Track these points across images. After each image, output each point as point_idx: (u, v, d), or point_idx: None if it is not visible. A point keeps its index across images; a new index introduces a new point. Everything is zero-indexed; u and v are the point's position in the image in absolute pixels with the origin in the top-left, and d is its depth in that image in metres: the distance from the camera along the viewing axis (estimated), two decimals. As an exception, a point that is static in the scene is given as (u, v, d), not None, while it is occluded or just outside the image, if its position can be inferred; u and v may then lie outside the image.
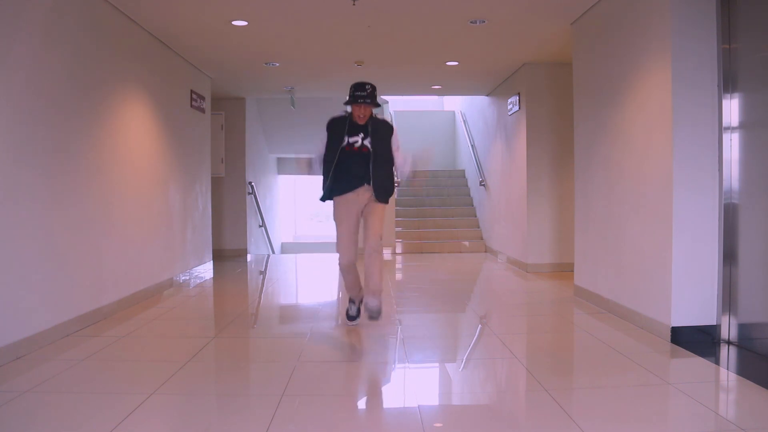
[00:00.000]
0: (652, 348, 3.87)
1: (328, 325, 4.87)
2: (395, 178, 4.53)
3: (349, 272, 4.40)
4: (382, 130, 4.33)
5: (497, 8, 5.26)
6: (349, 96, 4.24)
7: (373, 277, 4.21)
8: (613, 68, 4.84)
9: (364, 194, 4.29)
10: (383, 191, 4.30)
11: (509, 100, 8.10)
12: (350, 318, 4.56)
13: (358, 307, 4.54)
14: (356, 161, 4.24)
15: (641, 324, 4.36)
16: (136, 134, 5.55)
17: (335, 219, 4.37)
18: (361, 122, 4.26)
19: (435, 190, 11.78)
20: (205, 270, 7.54)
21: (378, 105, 4.30)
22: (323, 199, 4.39)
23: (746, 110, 3.81)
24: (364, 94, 4.20)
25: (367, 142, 4.25)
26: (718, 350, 3.83)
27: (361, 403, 3.16)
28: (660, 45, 4.11)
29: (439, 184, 12.01)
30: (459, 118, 12.59)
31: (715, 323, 3.97)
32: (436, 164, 13.49)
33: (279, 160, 13.28)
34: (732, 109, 3.87)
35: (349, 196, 4.29)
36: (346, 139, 4.23)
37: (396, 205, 10.58)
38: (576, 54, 5.66)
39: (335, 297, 6.36)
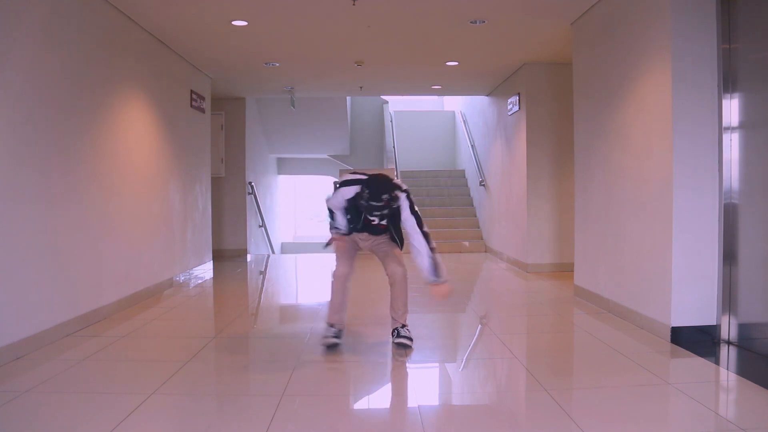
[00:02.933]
0: (652, 348, 3.87)
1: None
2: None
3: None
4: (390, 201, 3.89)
5: (497, 8, 5.26)
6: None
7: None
8: (613, 68, 4.84)
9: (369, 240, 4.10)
10: None
11: (509, 100, 8.10)
12: (331, 346, 3.96)
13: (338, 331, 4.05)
14: (375, 229, 4.02)
15: (641, 324, 4.36)
16: (136, 134, 5.55)
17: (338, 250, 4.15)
18: None
19: (435, 190, 11.78)
20: (205, 270, 7.54)
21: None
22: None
23: (746, 110, 3.81)
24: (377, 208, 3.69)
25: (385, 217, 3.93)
26: (718, 350, 3.83)
27: (361, 403, 3.16)
28: (660, 45, 4.11)
29: (439, 184, 12.01)
30: (459, 118, 12.59)
31: (715, 323, 3.97)
32: (436, 164, 13.52)
33: (279, 160, 13.30)
34: (732, 109, 3.87)
35: (354, 238, 4.12)
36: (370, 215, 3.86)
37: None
38: (576, 54, 5.66)
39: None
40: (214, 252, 8.21)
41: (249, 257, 9.58)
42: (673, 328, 3.98)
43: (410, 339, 3.97)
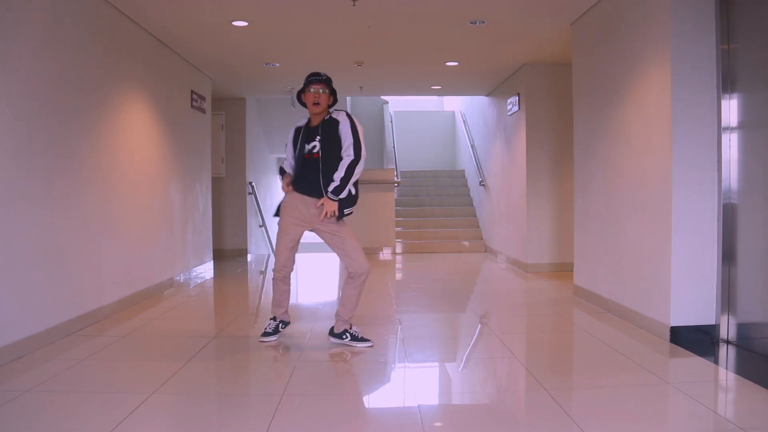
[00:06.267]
0: (652, 348, 3.88)
1: (328, 325, 4.86)
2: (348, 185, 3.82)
3: (284, 283, 4.07)
4: (329, 126, 3.85)
5: (497, 8, 5.27)
6: (303, 85, 3.88)
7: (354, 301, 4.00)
8: (613, 68, 4.85)
9: (314, 207, 3.89)
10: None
11: (509, 101, 8.10)
12: (266, 334, 4.11)
13: (277, 324, 4.14)
14: (311, 169, 3.84)
15: (641, 324, 4.37)
16: (136, 135, 5.56)
17: (279, 227, 4.02)
18: (316, 120, 3.88)
19: (435, 190, 11.79)
20: (206, 270, 7.55)
21: (334, 91, 3.90)
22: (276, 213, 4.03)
23: (745, 110, 3.81)
24: (319, 78, 3.83)
25: (318, 145, 3.84)
26: (717, 350, 3.84)
27: (361, 403, 3.16)
28: (659, 45, 4.11)
29: (439, 184, 12.01)
30: (459, 118, 12.60)
31: (714, 323, 3.97)
32: (436, 164, 13.52)
33: (279, 160, 13.29)
34: (731, 109, 3.88)
35: (298, 203, 3.91)
36: (306, 147, 3.87)
37: (396, 205, 10.59)
38: (576, 54, 5.67)
39: (335, 297, 6.36)
40: (214, 252, 8.22)
41: (249, 257, 9.59)
42: (672, 327, 3.98)
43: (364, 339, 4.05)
